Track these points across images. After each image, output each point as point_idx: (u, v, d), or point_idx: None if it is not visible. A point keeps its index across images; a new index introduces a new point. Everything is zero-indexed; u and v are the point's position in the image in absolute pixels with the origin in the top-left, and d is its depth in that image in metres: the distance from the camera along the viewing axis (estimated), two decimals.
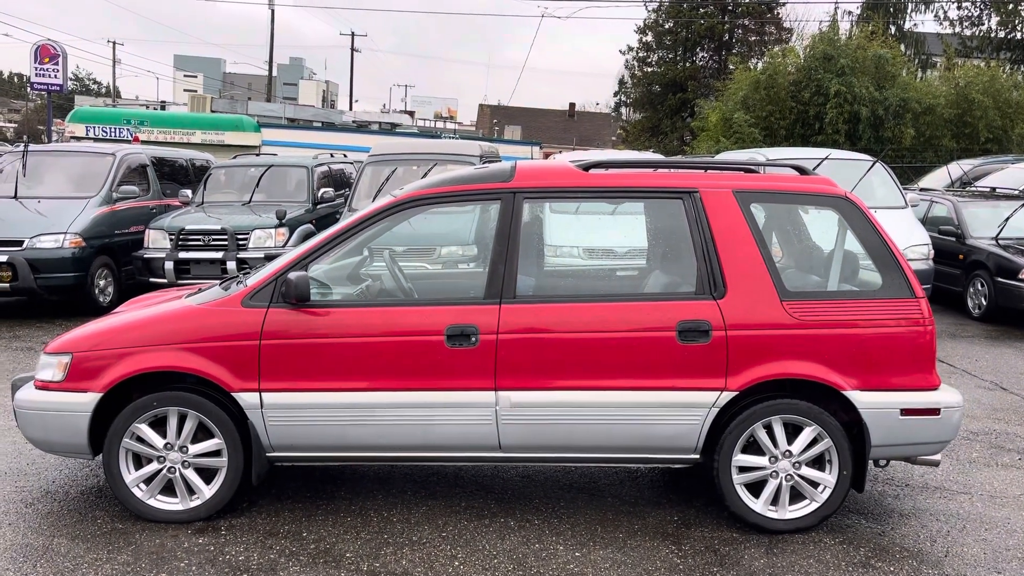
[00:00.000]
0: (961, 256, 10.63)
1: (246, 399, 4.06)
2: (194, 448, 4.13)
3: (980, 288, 10.29)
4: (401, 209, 4.32)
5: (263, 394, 4.05)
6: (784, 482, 4.13)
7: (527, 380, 4.06)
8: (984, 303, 10.20)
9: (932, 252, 9.53)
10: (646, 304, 4.15)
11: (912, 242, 9.38)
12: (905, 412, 4.08)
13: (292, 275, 4.01)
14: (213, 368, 4.05)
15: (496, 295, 4.10)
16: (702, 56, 37.61)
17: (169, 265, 9.62)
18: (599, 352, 4.06)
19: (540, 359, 4.06)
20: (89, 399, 4.06)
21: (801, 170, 4.52)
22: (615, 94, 44.12)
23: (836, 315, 4.08)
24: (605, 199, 4.64)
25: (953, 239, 10.90)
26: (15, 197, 9.67)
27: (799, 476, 4.13)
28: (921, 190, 13.34)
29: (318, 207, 11.04)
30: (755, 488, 4.17)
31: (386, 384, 4.06)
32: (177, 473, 4.14)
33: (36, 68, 32.20)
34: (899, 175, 18.89)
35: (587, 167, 4.40)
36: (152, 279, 9.62)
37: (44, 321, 9.25)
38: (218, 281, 4.72)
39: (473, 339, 4.03)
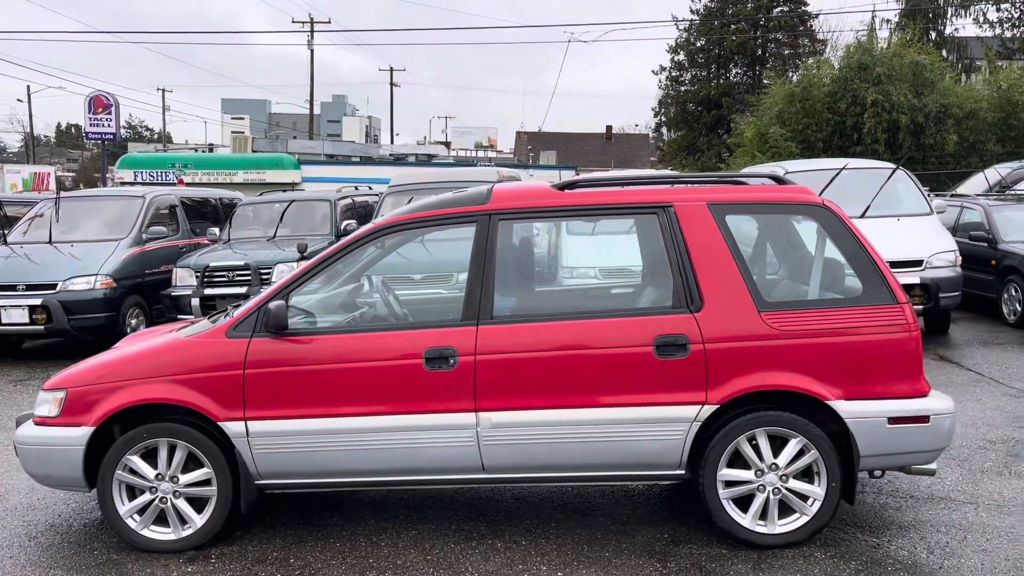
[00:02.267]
0: (994, 262, 10.34)
1: (232, 428, 4.14)
2: (184, 478, 4.21)
3: (1014, 294, 9.97)
4: (380, 235, 4.41)
5: (248, 423, 4.13)
6: (772, 496, 4.06)
7: (506, 400, 4.07)
8: (1020, 309, 9.88)
9: (959, 259, 9.27)
10: (622, 320, 4.14)
11: (937, 249, 9.14)
12: (893, 420, 3.98)
13: (271, 305, 4.10)
14: (200, 399, 4.14)
15: (473, 316, 4.13)
16: (736, 72, 37.46)
17: (195, 302, 9.86)
18: (577, 370, 4.06)
19: (518, 379, 4.07)
20: (82, 433, 4.18)
21: (778, 179, 4.48)
22: (655, 115, 44.11)
23: (816, 324, 4.01)
24: (581, 217, 4.66)
25: (985, 244, 10.61)
26: (49, 242, 10.03)
27: (787, 489, 4.05)
28: (952, 195, 13.03)
29: (341, 239, 11.20)
30: (743, 503, 4.10)
31: (368, 409, 4.11)
32: (169, 503, 4.23)
33: (90, 119, 33.44)
34: (941, 182, 18.53)
35: (563, 187, 4.43)
36: (180, 316, 9.85)
37: (78, 361, 9.52)
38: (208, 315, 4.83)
39: (451, 361, 4.06)
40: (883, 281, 4.06)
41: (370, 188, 14.13)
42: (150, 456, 4.23)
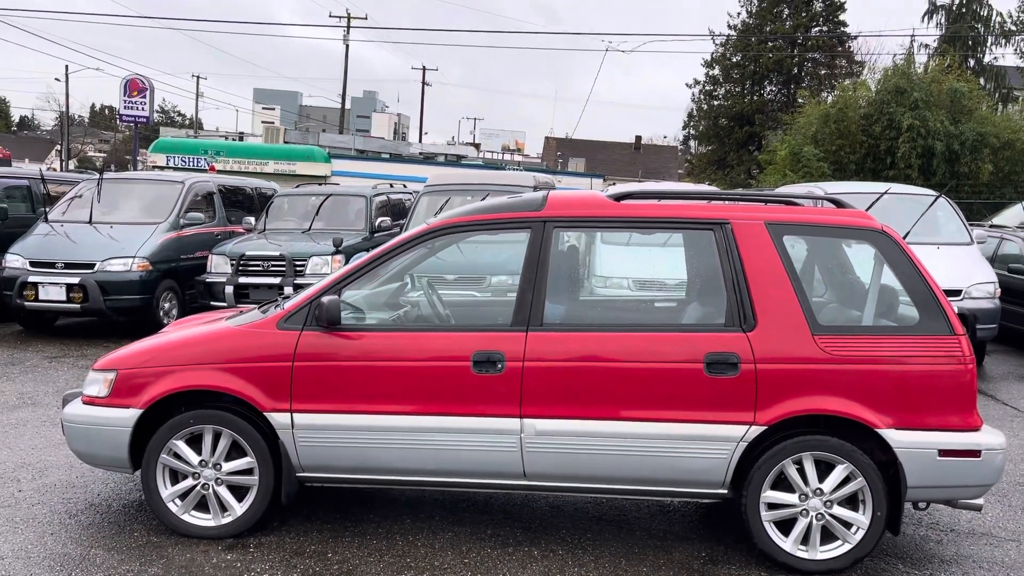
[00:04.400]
0: None
1: (277, 419, 4.16)
2: (227, 466, 4.24)
3: None
4: (434, 236, 4.41)
5: (294, 415, 4.15)
6: (815, 521, 4.03)
7: (552, 408, 4.06)
8: None
9: (998, 290, 9.17)
10: (674, 335, 4.12)
11: (976, 280, 9.05)
12: (943, 453, 3.94)
13: (325, 299, 4.12)
14: (248, 388, 4.17)
15: (523, 322, 4.13)
16: (770, 89, 37.31)
17: (229, 289, 9.92)
18: (626, 382, 4.04)
19: (566, 387, 4.06)
20: (131, 415, 4.21)
21: (838, 203, 4.44)
22: (684, 127, 44.02)
23: (870, 351, 3.98)
24: (636, 229, 4.64)
25: None
26: (89, 222, 10.13)
27: (830, 515, 4.02)
28: (991, 227, 12.88)
29: (375, 235, 11.26)
30: (785, 526, 4.07)
31: (413, 408, 4.11)
32: (211, 490, 4.26)
33: (125, 101, 33.85)
34: (974, 211, 18.36)
35: (619, 197, 4.42)
36: (213, 302, 9.92)
37: (111, 341, 9.62)
38: (257, 304, 4.86)
39: (499, 366, 4.06)
40: (941, 311, 4.02)
41: (404, 186, 14.18)
42: (194, 442, 4.27)
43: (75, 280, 9.38)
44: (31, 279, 9.41)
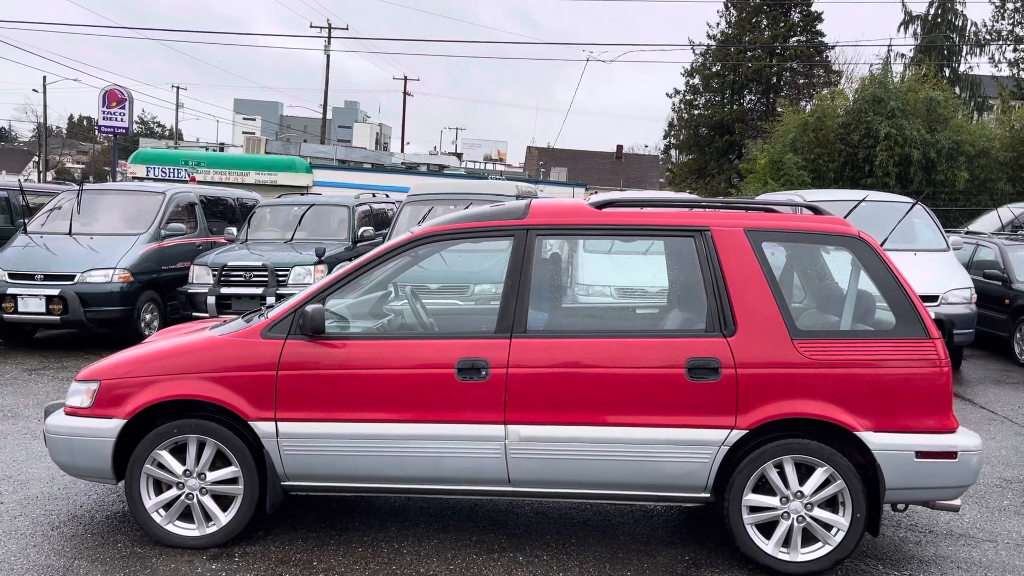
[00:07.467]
0: (1007, 301, 10.37)
1: (262, 428, 4.16)
2: (212, 475, 4.24)
3: None
4: (418, 244, 4.44)
5: (279, 423, 4.16)
6: (796, 523, 4.08)
7: (536, 414, 4.09)
8: None
9: (974, 296, 9.31)
10: (656, 341, 4.17)
11: (953, 286, 9.18)
12: (920, 455, 4.00)
13: (309, 308, 4.14)
14: (232, 397, 4.17)
15: (507, 329, 4.16)
16: (750, 99, 37.65)
17: (211, 300, 9.89)
18: (609, 388, 4.09)
19: (549, 394, 4.09)
20: (114, 425, 4.20)
21: (815, 210, 4.52)
22: (664, 136, 44.31)
23: (848, 355, 4.04)
24: (618, 236, 4.69)
25: (999, 283, 10.65)
26: (69, 233, 10.07)
27: (811, 518, 4.07)
28: (967, 233, 13.08)
29: (358, 245, 11.26)
30: (766, 529, 4.12)
31: (398, 416, 4.13)
32: (195, 499, 4.25)
33: (104, 112, 33.63)
34: (950, 218, 18.61)
35: (600, 205, 4.47)
36: (195, 313, 9.88)
37: (92, 352, 9.56)
38: (241, 314, 4.86)
39: (483, 373, 4.09)
40: (916, 315, 4.09)
41: (387, 196, 14.20)
42: (178, 452, 4.26)
43: (55, 292, 9.32)
44: (10, 291, 9.33)
